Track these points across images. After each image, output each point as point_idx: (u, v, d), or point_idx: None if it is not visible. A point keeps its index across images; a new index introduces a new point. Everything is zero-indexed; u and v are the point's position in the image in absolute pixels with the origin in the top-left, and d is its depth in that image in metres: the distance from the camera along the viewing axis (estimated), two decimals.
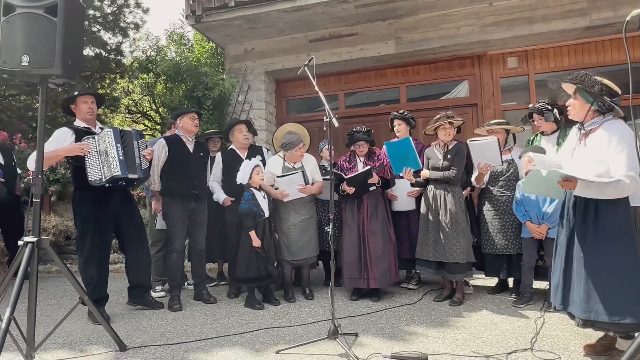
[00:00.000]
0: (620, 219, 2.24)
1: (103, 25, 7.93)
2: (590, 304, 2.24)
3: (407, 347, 2.73)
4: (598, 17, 5.25)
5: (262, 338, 2.97)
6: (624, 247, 2.22)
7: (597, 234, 2.27)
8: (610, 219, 2.25)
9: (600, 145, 2.26)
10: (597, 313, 2.22)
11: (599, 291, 2.22)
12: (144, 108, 10.01)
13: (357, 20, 6.01)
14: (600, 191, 2.19)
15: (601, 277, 2.23)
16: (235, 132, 4.24)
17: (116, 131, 3.33)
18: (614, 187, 2.14)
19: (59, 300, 4.27)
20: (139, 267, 3.69)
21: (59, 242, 5.97)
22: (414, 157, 3.79)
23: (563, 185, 2.32)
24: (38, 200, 2.50)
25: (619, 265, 2.20)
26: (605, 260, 2.24)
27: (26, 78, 2.58)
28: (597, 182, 2.17)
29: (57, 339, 3.03)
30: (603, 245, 2.25)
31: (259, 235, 3.67)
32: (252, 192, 3.72)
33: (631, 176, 2.12)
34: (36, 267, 2.45)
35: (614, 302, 2.18)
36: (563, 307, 2.44)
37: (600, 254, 2.25)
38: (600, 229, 2.27)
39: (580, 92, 2.37)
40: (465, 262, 3.60)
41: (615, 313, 2.17)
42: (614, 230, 2.24)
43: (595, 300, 2.22)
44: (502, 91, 6.14)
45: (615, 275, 2.20)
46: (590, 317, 2.25)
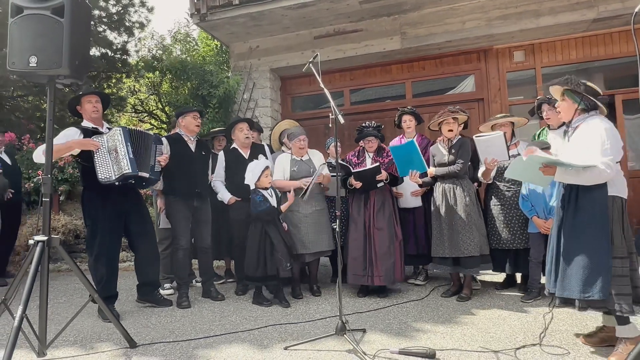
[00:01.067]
0: (595, 205, 2.37)
1: (108, 25, 7.97)
2: (564, 282, 2.42)
3: (414, 342, 2.73)
4: (606, 9, 5.19)
5: (270, 334, 2.99)
6: (596, 231, 2.35)
7: (575, 219, 2.43)
8: (587, 205, 2.40)
9: (582, 137, 2.43)
10: (570, 290, 2.38)
11: (573, 271, 2.38)
12: (150, 107, 10.06)
13: (362, 16, 5.98)
14: (578, 176, 2.35)
15: (574, 257, 2.39)
16: (236, 131, 4.24)
17: (125, 130, 3.35)
18: (590, 172, 2.29)
19: (70, 298, 4.32)
20: (148, 265, 3.73)
21: (68, 241, 6.03)
22: (419, 160, 3.70)
23: (544, 172, 2.49)
24: (48, 200, 2.53)
25: (590, 247, 2.34)
26: (579, 242, 2.39)
27: (34, 79, 2.61)
28: (574, 168, 2.33)
29: (68, 336, 3.06)
30: (578, 229, 2.41)
31: (273, 229, 3.63)
32: (262, 194, 3.67)
33: (606, 162, 2.25)
34: (47, 266, 2.48)
35: (582, 280, 2.33)
36: (552, 290, 2.54)
37: (575, 237, 2.42)
38: (577, 214, 2.43)
39: (568, 94, 2.54)
40: (479, 254, 3.58)
41: (582, 290, 2.33)
42: (589, 215, 2.38)
43: (569, 279, 2.39)
44: (509, 85, 6.10)
45: (586, 256, 2.34)
46: (564, 295, 2.41)
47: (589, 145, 2.34)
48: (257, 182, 3.70)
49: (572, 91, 2.50)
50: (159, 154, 3.62)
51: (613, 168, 2.27)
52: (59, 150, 3.12)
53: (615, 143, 2.32)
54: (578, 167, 2.31)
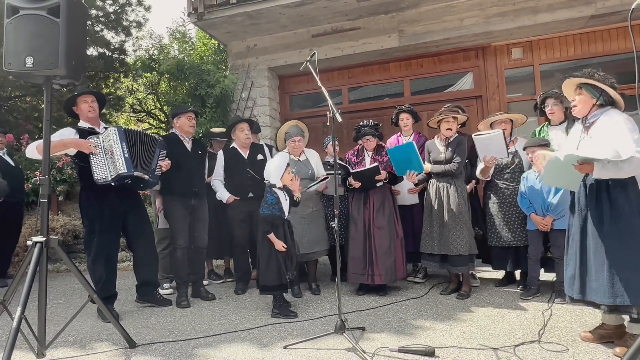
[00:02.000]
0: (631, 205, 2.30)
1: (106, 24, 7.95)
2: (615, 289, 2.28)
3: (414, 340, 2.73)
4: (603, 5, 5.18)
5: (270, 333, 2.99)
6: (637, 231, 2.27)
7: (613, 219, 2.32)
8: (623, 203, 2.31)
9: (605, 132, 2.35)
10: (623, 297, 2.25)
11: (622, 276, 2.26)
12: (149, 107, 10.04)
13: (360, 14, 5.97)
14: (617, 170, 2.25)
15: (623, 262, 2.27)
16: (237, 131, 4.25)
17: (120, 129, 3.34)
18: (629, 164, 2.20)
19: (69, 298, 4.32)
20: (147, 265, 3.72)
21: (67, 242, 6.03)
22: (417, 161, 3.68)
23: (580, 169, 2.37)
24: (45, 201, 2.52)
25: (637, 249, 2.25)
26: (623, 245, 2.29)
27: (31, 79, 2.60)
28: (612, 162, 2.23)
29: (68, 337, 3.06)
30: (620, 231, 2.30)
31: (280, 238, 3.35)
32: (276, 196, 3.39)
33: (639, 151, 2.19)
34: (45, 267, 2.47)
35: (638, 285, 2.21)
36: (582, 296, 2.45)
37: (618, 238, 2.30)
38: (615, 215, 2.32)
39: (586, 88, 2.46)
40: (467, 254, 3.59)
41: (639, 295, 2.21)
42: (628, 213, 2.30)
43: (619, 285, 2.26)
44: (507, 82, 6.09)
45: (635, 259, 2.25)
46: (617, 302, 2.28)
47: (618, 138, 2.26)
48: (281, 179, 3.45)
49: (591, 85, 2.43)
50: (162, 159, 3.61)
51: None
52: (54, 147, 3.04)
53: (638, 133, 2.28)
54: (616, 161, 2.22)
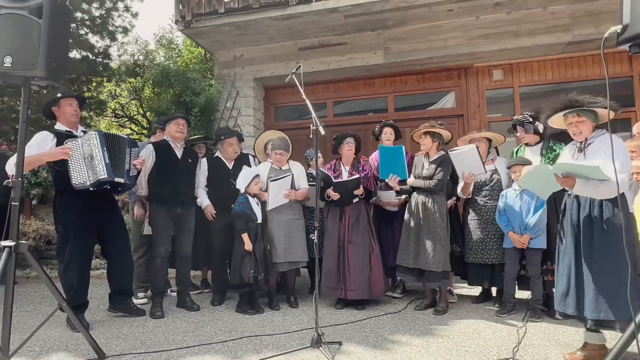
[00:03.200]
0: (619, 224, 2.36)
1: (91, 28, 7.85)
2: (599, 303, 2.35)
3: (390, 356, 2.72)
4: (580, 32, 5.40)
5: (245, 346, 2.94)
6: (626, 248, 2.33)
7: (603, 237, 2.41)
8: (614, 222, 2.39)
9: (599, 153, 2.47)
10: (607, 312, 2.32)
11: (607, 290, 2.32)
12: (131, 112, 9.90)
13: (347, 30, 6.07)
14: (596, 190, 2.37)
15: (608, 276, 2.34)
16: (225, 145, 4.20)
17: (101, 134, 3.28)
18: (607, 186, 2.31)
19: (37, 306, 4.16)
20: (121, 273, 3.63)
21: (39, 247, 5.85)
22: (402, 166, 3.84)
23: (562, 182, 2.47)
24: (17, 204, 2.44)
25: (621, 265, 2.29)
26: (610, 261, 2.36)
27: (9, 79, 2.53)
28: (592, 182, 2.35)
29: (34, 346, 2.95)
30: (608, 248, 2.38)
31: (250, 240, 3.69)
32: (246, 197, 3.79)
33: (622, 178, 2.28)
34: (13, 272, 2.39)
35: (621, 300, 2.26)
36: (577, 312, 2.50)
37: (605, 256, 2.38)
38: (606, 230, 2.41)
39: (584, 113, 2.57)
40: (440, 270, 3.62)
41: (623, 310, 2.26)
42: (618, 230, 2.36)
43: (603, 300, 2.33)
44: (488, 103, 6.25)
45: (619, 275, 2.29)
46: (600, 317, 2.34)
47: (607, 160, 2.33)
48: (247, 188, 3.80)
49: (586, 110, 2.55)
50: (134, 157, 3.54)
51: (626, 183, 2.35)
52: (29, 163, 3.00)
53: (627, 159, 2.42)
54: (596, 181, 2.34)
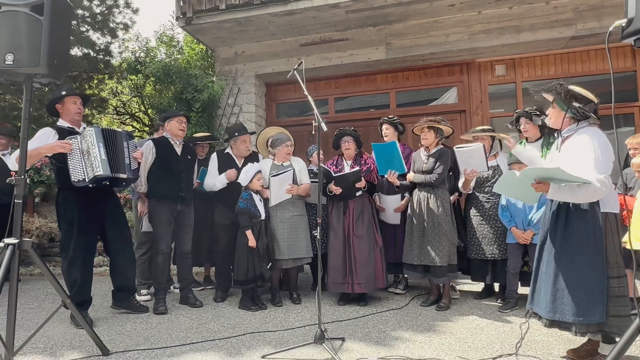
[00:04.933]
0: (587, 224, 2.29)
1: (92, 25, 7.84)
2: (556, 304, 2.33)
3: (393, 352, 2.73)
4: (583, 27, 5.36)
5: (248, 343, 2.95)
6: (590, 252, 2.28)
7: (565, 238, 2.34)
8: (579, 224, 2.31)
9: (572, 151, 2.33)
10: (563, 314, 2.30)
11: (564, 293, 2.30)
12: (133, 109, 9.91)
13: (348, 26, 6.04)
14: (572, 194, 2.23)
15: (567, 279, 2.31)
16: (238, 142, 4.19)
17: (98, 130, 3.28)
18: (585, 190, 2.17)
19: (41, 303, 4.18)
20: (124, 270, 3.64)
21: (42, 244, 5.87)
22: (399, 161, 3.84)
23: (536, 188, 2.38)
24: (20, 202, 2.45)
25: (585, 269, 2.27)
26: (572, 263, 2.31)
27: (10, 77, 2.53)
28: (568, 185, 2.23)
29: (38, 343, 2.96)
30: (570, 249, 2.32)
31: (254, 235, 3.71)
32: (249, 193, 3.81)
33: (601, 179, 2.15)
34: (17, 270, 2.40)
35: (577, 304, 2.25)
36: (532, 306, 2.51)
37: (567, 258, 2.33)
38: (568, 232, 2.34)
39: (556, 101, 2.45)
40: (447, 264, 3.62)
41: (579, 314, 2.24)
42: (582, 234, 2.30)
43: (561, 302, 2.31)
44: (490, 98, 6.22)
45: (580, 278, 2.27)
46: (556, 318, 2.33)
47: (581, 161, 2.22)
48: (249, 184, 3.82)
49: (559, 99, 2.40)
50: (133, 150, 3.54)
51: (607, 185, 2.16)
52: (30, 157, 3.00)
53: (608, 158, 2.22)
54: (572, 184, 2.20)
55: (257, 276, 3.72)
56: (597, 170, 2.17)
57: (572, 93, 2.35)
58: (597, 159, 2.19)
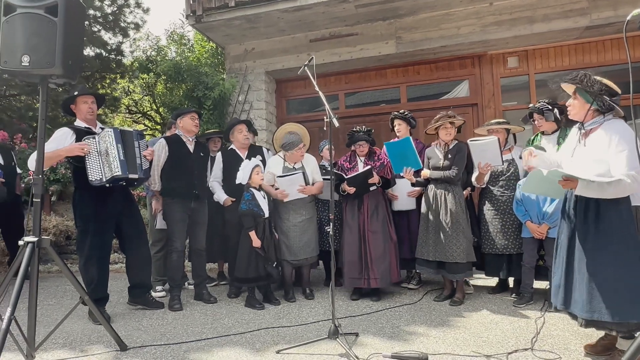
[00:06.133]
0: (621, 218, 2.24)
1: (103, 25, 7.94)
2: (593, 304, 2.23)
3: (407, 346, 2.72)
4: (598, 16, 5.25)
5: (263, 338, 2.97)
6: (625, 247, 2.21)
7: (598, 234, 2.26)
8: (612, 218, 2.25)
9: (600, 145, 2.26)
10: (601, 313, 2.21)
11: (602, 291, 2.21)
12: (144, 108, 10.02)
13: (358, 20, 6.00)
14: (601, 191, 2.19)
15: (603, 277, 2.22)
16: (235, 132, 4.25)
17: (116, 131, 3.33)
18: (615, 187, 2.14)
19: (60, 300, 4.27)
20: (140, 267, 3.70)
21: (59, 242, 5.98)
22: (414, 157, 3.79)
23: (564, 185, 2.32)
24: (39, 200, 2.50)
25: (621, 265, 2.19)
26: (607, 260, 2.22)
27: (27, 78, 2.58)
28: (597, 182, 2.17)
29: (58, 338, 3.03)
30: (605, 245, 2.24)
31: (259, 236, 3.68)
32: (252, 193, 3.73)
33: (632, 175, 2.12)
34: (36, 267, 2.45)
35: (617, 302, 2.17)
36: (565, 307, 2.42)
37: (602, 254, 2.24)
38: (601, 228, 2.26)
39: (580, 92, 2.38)
40: (465, 261, 3.60)
41: (618, 313, 2.17)
42: (616, 229, 2.23)
43: (599, 300, 2.21)
44: (503, 91, 6.13)
45: (618, 275, 2.19)
46: (594, 317, 2.24)
47: (612, 157, 2.17)
48: (249, 181, 3.74)
49: (584, 90, 2.32)
50: (143, 148, 3.57)
51: (638, 181, 2.11)
52: (49, 159, 3.10)
53: (636, 151, 2.13)
54: (602, 182, 2.14)
55: (260, 275, 3.67)
56: (628, 166, 2.13)
57: (601, 84, 2.28)
58: (629, 154, 2.14)
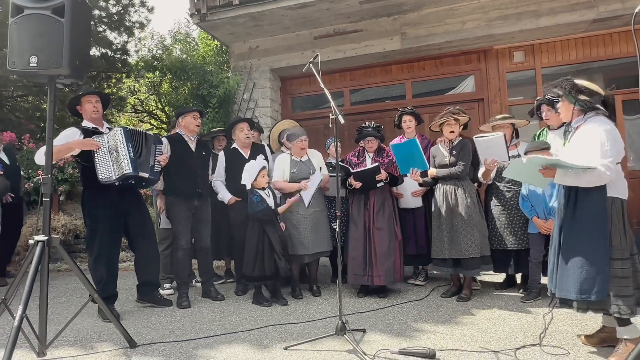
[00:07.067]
0: (593, 206, 2.38)
1: (108, 25, 7.97)
2: (561, 282, 2.45)
3: (414, 343, 2.73)
4: (605, 9, 5.19)
5: (270, 335, 2.99)
6: (594, 232, 2.36)
7: (574, 220, 2.45)
8: (585, 206, 2.41)
9: (582, 139, 2.42)
10: (567, 291, 2.40)
11: (570, 273, 2.41)
12: (150, 107, 10.06)
13: (362, 17, 5.98)
14: (577, 179, 2.35)
15: (572, 258, 2.41)
16: (236, 131, 4.24)
17: (126, 130, 3.35)
18: (590, 175, 2.29)
19: (69, 298, 4.32)
20: (148, 265, 3.72)
21: (68, 241, 6.03)
22: (420, 158, 3.71)
23: (543, 173, 2.50)
24: (48, 200, 2.53)
25: (588, 248, 2.36)
26: (577, 243, 2.40)
27: (34, 79, 2.61)
28: (574, 170, 2.35)
29: (68, 336, 3.06)
30: (576, 229, 2.43)
31: (271, 229, 3.65)
32: (259, 194, 3.67)
33: (605, 164, 2.26)
34: (47, 266, 2.48)
35: (580, 281, 2.35)
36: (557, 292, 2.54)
37: (573, 237, 2.44)
38: (577, 215, 2.44)
39: (565, 96, 2.57)
40: (479, 256, 3.57)
41: (580, 291, 2.34)
42: (587, 216, 2.39)
43: (566, 280, 2.42)
44: (509, 86, 6.10)
45: (583, 257, 2.36)
46: (561, 295, 2.44)
47: (588, 147, 2.35)
48: (253, 183, 3.68)
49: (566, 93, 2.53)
50: (159, 154, 3.63)
51: (613, 170, 2.28)
52: (59, 151, 3.12)
53: (615, 144, 2.32)
54: (578, 170, 2.32)
55: (268, 274, 3.63)
56: (602, 155, 2.29)
57: (578, 87, 2.49)
58: (603, 144, 2.31)
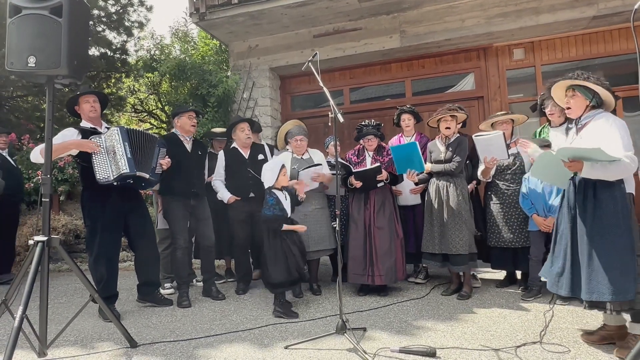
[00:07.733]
0: (617, 204, 2.36)
1: (107, 24, 7.97)
2: (592, 285, 2.35)
3: (415, 341, 2.73)
4: (605, 6, 5.18)
5: (271, 334, 2.99)
6: (621, 230, 2.33)
7: (595, 220, 2.39)
8: (608, 204, 2.37)
9: (595, 134, 2.40)
10: (600, 293, 2.31)
11: (598, 274, 2.33)
12: (150, 107, 10.04)
13: (361, 15, 5.97)
14: (605, 171, 2.32)
15: (601, 259, 2.34)
16: (237, 131, 4.24)
17: (123, 129, 3.34)
18: (617, 166, 2.28)
19: (70, 298, 4.32)
20: (148, 264, 3.72)
21: (68, 241, 6.03)
22: (419, 161, 3.73)
23: (570, 167, 2.43)
24: (47, 200, 2.52)
25: (618, 247, 2.32)
26: (605, 243, 2.34)
27: (33, 79, 2.61)
28: (601, 163, 2.32)
29: (69, 336, 3.07)
30: (600, 231, 2.37)
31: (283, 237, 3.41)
32: (275, 196, 3.43)
33: (629, 156, 2.27)
34: (47, 266, 2.48)
35: (614, 282, 2.29)
36: (572, 293, 2.48)
37: (598, 240, 2.37)
38: (599, 213, 2.38)
39: (579, 90, 2.52)
40: (467, 253, 3.59)
41: (615, 292, 2.28)
42: (611, 214, 2.35)
43: (597, 281, 2.33)
44: (509, 83, 6.09)
45: (611, 259, 2.31)
46: (593, 298, 2.34)
47: (608, 140, 2.32)
48: (275, 182, 3.46)
49: (584, 87, 2.48)
50: (162, 157, 3.62)
51: (636, 162, 2.28)
52: (56, 150, 3.10)
53: (629, 137, 2.34)
54: (604, 162, 2.29)
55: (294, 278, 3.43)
56: (624, 148, 2.29)
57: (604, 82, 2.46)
58: (623, 137, 2.31)
